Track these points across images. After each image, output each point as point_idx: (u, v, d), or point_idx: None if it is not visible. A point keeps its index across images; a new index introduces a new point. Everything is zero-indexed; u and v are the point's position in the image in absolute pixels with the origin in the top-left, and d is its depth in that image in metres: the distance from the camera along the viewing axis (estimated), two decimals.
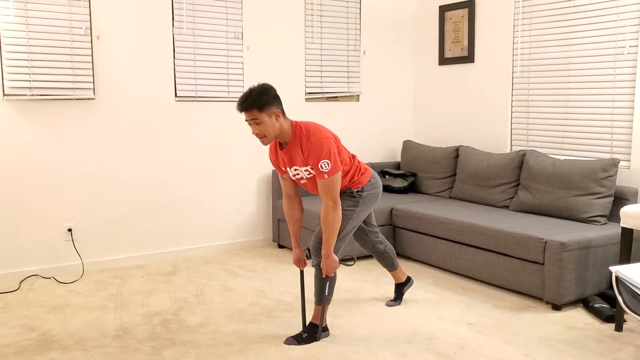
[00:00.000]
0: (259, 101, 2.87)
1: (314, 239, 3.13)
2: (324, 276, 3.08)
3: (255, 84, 2.95)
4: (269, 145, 3.08)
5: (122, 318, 3.45)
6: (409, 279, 3.74)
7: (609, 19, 4.20)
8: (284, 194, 3.27)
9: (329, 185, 2.95)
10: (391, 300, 3.69)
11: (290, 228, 3.29)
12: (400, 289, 3.71)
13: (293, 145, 2.99)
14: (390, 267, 3.65)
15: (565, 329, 3.28)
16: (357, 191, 3.17)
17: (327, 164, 2.91)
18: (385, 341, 3.12)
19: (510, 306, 3.63)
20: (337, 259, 3.06)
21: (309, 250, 3.30)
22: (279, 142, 3.07)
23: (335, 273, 3.14)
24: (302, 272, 3.31)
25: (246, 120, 2.92)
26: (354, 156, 3.21)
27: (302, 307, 3.25)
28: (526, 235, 3.68)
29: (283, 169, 3.15)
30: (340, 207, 3.01)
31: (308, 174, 3.05)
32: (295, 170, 3.08)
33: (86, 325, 3.35)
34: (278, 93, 2.97)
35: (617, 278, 2.40)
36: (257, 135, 2.94)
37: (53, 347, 3.04)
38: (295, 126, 2.98)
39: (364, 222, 3.48)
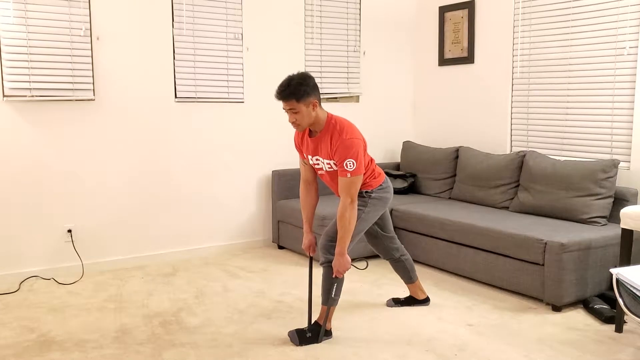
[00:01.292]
0: (297, 91, 2.90)
1: (324, 237, 3.13)
2: (334, 276, 3.07)
3: (295, 72, 2.98)
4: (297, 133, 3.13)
5: (121, 319, 3.45)
6: (426, 300, 3.66)
7: (609, 19, 4.20)
8: (302, 179, 3.29)
9: (349, 184, 2.97)
10: (392, 300, 3.66)
11: (304, 213, 3.31)
12: (413, 302, 3.65)
13: (324, 136, 3.01)
14: (407, 279, 3.59)
15: (565, 330, 3.28)
16: (365, 192, 3.18)
17: (353, 163, 2.94)
18: (385, 342, 3.11)
19: (510, 307, 3.63)
20: (349, 259, 3.05)
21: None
22: (310, 130, 3.10)
23: (343, 275, 3.13)
24: (310, 268, 3.30)
25: (283, 108, 2.96)
26: (372, 160, 3.25)
27: (308, 304, 3.23)
28: (526, 236, 3.67)
29: (305, 155, 3.18)
30: (356, 207, 3.02)
31: (329, 167, 3.08)
32: (317, 160, 3.11)
33: (86, 326, 3.35)
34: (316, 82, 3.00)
35: (617, 280, 2.40)
36: (292, 123, 2.98)
37: (52, 349, 3.04)
38: (330, 119, 3.02)
39: (380, 228, 3.44)
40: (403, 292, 3.86)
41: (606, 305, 3.48)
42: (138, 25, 4.46)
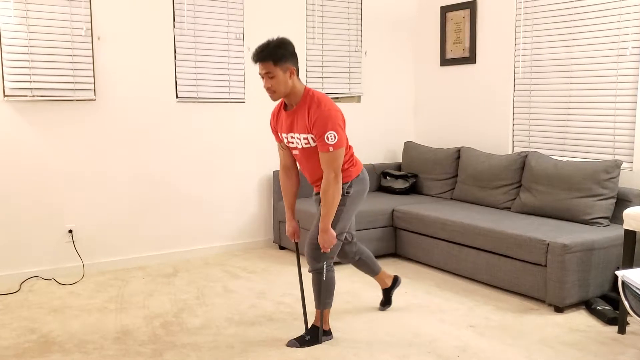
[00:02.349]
0: (275, 53, 2.83)
1: (309, 243, 3.05)
2: (322, 252, 3.01)
3: (274, 37, 2.90)
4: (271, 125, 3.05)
5: (122, 320, 3.44)
6: (395, 280, 3.60)
7: (611, 19, 4.19)
8: (281, 165, 3.23)
9: (332, 158, 2.88)
10: (380, 305, 3.62)
11: (285, 200, 3.24)
12: (388, 293, 3.60)
13: (300, 109, 2.92)
14: (371, 272, 3.52)
15: (568, 331, 3.26)
16: (346, 187, 3.04)
17: (334, 136, 2.85)
18: (387, 344, 3.10)
19: (512, 308, 3.61)
20: (334, 233, 2.97)
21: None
22: (285, 104, 3.02)
23: (333, 277, 3.11)
24: (298, 256, 3.29)
25: (259, 73, 2.88)
26: (350, 146, 3.12)
27: (303, 309, 3.23)
28: (528, 237, 3.66)
29: (279, 135, 3.09)
30: (340, 181, 2.93)
31: (305, 143, 2.96)
32: (292, 137, 3.00)
33: (86, 327, 3.34)
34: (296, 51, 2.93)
35: (623, 283, 2.38)
36: (267, 89, 2.89)
37: (53, 350, 3.03)
38: (307, 91, 2.94)
39: None
40: (405, 292, 3.85)
41: (609, 307, 3.47)
42: (139, 25, 4.45)
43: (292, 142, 3.03)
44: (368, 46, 5.53)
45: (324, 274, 3.05)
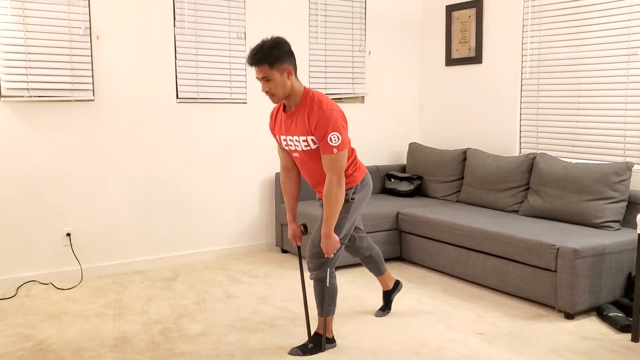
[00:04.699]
0: (270, 55, 2.69)
1: (310, 250, 2.96)
2: (325, 257, 2.92)
3: (269, 37, 2.77)
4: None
5: (120, 327, 3.35)
6: (397, 285, 3.54)
7: (621, 18, 4.09)
8: (282, 166, 3.13)
9: (335, 160, 2.77)
10: (379, 310, 3.53)
11: (287, 202, 3.16)
12: (389, 296, 3.53)
13: (300, 110, 2.81)
14: (377, 271, 3.46)
15: (579, 339, 3.17)
16: (351, 193, 2.96)
17: (337, 137, 2.74)
18: (392, 352, 3.00)
19: (522, 315, 3.52)
20: (337, 238, 2.88)
21: (304, 225, 3.18)
22: (284, 105, 2.90)
23: (335, 283, 3.01)
24: (300, 259, 3.20)
25: (256, 77, 2.77)
26: (353, 149, 3.04)
27: (305, 317, 3.13)
28: (538, 241, 3.56)
29: (278, 137, 2.98)
30: (344, 184, 2.83)
31: (305, 146, 2.85)
32: (291, 140, 2.89)
33: (84, 334, 3.25)
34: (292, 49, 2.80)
35: None
36: (266, 93, 2.78)
37: (49, 358, 2.94)
38: (307, 92, 2.82)
39: None
40: (407, 296, 3.75)
41: (621, 313, 3.37)
42: (139, 24, 4.36)
43: (291, 145, 2.93)
44: (372, 46, 5.44)
45: (327, 281, 2.96)
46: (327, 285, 2.96)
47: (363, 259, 3.43)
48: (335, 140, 2.74)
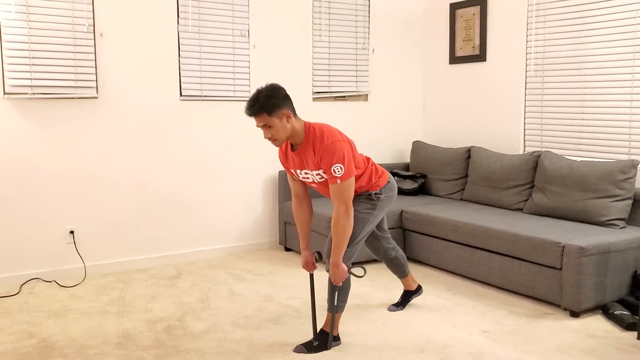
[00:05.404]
0: (267, 104, 2.74)
1: (329, 243, 3.00)
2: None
3: (263, 85, 2.82)
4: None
5: (124, 324, 3.34)
6: (419, 288, 3.63)
7: (627, 15, 4.07)
8: (293, 194, 3.16)
9: (341, 190, 2.83)
10: (393, 305, 3.57)
11: (299, 229, 3.18)
12: (408, 296, 3.60)
13: (305, 147, 2.86)
14: (401, 274, 3.54)
15: (585, 337, 3.15)
16: (375, 193, 3.06)
17: (341, 168, 2.79)
18: (397, 350, 2.99)
19: (527, 313, 3.50)
20: (346, 268, 2.94)
21: (318, 253, 3.19)
22: (291, 143, 2.95)
23: (348, 279, 3.02)
24: (311, 277, 3.19)
25: (257, 126, 2.81)
26: (368, 159, 3.11)
27: (312, 314, 3.12)
28: (543, 239, 3.55)
29: (293, 171, 3.03)
30: (352, 214, 2.88)
31: (320, 178, 2.93)
32: (306, 173, 2.96)
33: (87, 331, 3.24)
34: (287, 92, 2.85)
35: None
36: (268, 139, 2.83)
37: (52, 355, 2.93)
38: (309, 128, 2.86)
39: (377, 228, 3.35)
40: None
41: (627, 312, 3.35)
42: (143, 22, 4.36)
43: (308, 178, 2.99)
44: (376, 43, 5.42)
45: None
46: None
47: (388, 261, 3.47)
48: (338, 171, 2.79)
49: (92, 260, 4.32)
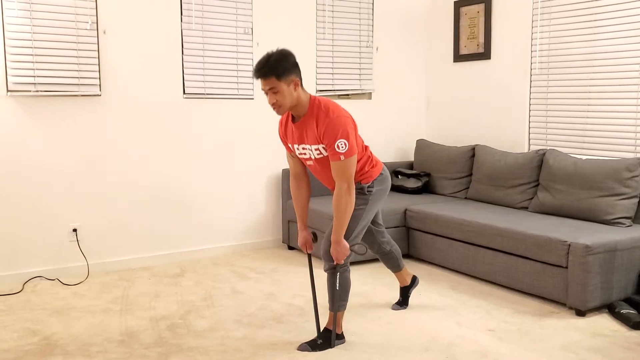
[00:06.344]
0: (277, 68, 2.69)
1: (325, 242, 2.97)
2: (334, 263, 2.92)
3: (274, 49, 2.77)
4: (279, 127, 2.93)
5: (127, 322, 3.33)
6: (414, 280, 3.56)
7: (633, 12, 4.04)
8: (292, 173, 3.11)
9: (344, 167, 2.76)
10: (396, 304, 3.54)
11: (297, 209, 3.14)
12: (406, 292, 3.55)
13: (308, 119, 2.80)
14: (395, 267, 3.48)
15: (591, 335, 3.12)
16: (367, 187, 2.99)
17: (345, 144, 2.73)
18: (401, 349, 2.97)
19: (532, 311, 3.47)
20: (347, 245, 2.88)
21: (314, 234, 3.16)
22: (292, 115, 2.89)
23: (348, 277, 3.00)
24: (310, 266, 3.17)
25: (262, 89, 2.76)
26: (366, 147, 3.04)
27: (315, 312, 3.10)
28: (548, 237, 3.52)
29: (290, 145, 2.97)
30: (354, 192, 2.82)
31: (318, 154, 2.85)
32: (304, 148, 2.89)
33: (90, 329, 3.23)
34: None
35: None
36: (273, 105, 2.76)
37: (55, 353, 2.92)
38: (313, 100, 2.81)
39: (372, 222, 3.30)
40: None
41: (633, 310, 3.33)
42: (146, 19, 4.34)
43: (305, 154, 2.92)
44: (379, 41, 5.40)
45: (340, 273, 2.94)
46: (341, 278, 2.94)
47: (382, 255, 3.42)
48: (342, 147, 2.73)
49: (95, 259, 4.31)
